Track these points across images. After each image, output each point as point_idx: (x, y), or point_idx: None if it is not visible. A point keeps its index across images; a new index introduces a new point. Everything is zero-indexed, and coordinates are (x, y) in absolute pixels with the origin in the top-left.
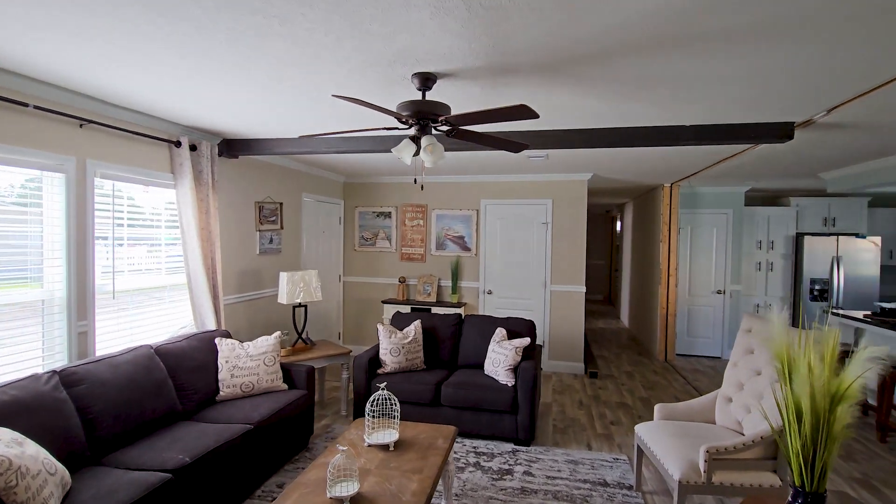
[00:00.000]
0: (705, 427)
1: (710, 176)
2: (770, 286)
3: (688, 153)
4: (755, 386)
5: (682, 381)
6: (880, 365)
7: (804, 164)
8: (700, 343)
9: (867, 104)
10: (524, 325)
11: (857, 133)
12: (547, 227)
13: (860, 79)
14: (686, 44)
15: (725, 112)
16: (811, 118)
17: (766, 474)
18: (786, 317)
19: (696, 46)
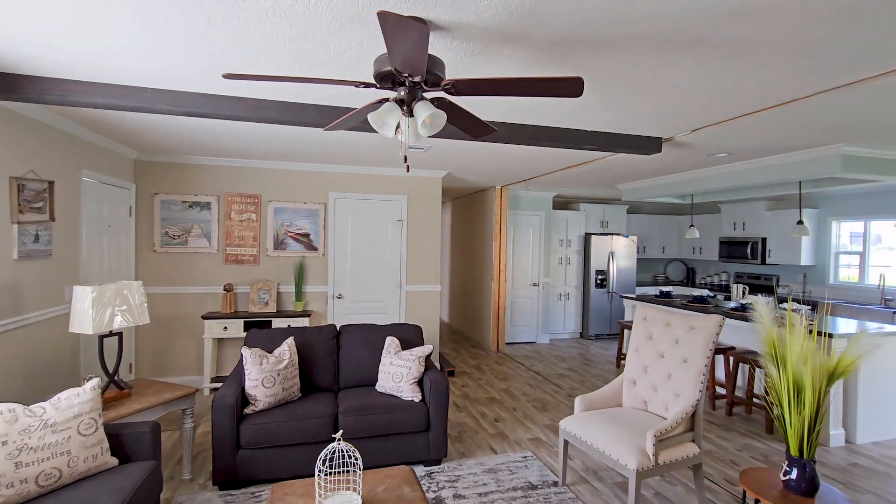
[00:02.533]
0: (624, 412)
1: (539, 182)
2: (569, 277)
3: (549, 157)
4: (661, 368)
5: (524, 368)
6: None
7: (618, 176)
8: (521, 331)
9: (716, 130)
10: (412, 331)
11: (686, 150)
12: (402, 225)
13: (724, 109)
14: (612, 47)
15: (625, 122)
16: (673, 136)
17: (689, 445)
18: (719, 318)
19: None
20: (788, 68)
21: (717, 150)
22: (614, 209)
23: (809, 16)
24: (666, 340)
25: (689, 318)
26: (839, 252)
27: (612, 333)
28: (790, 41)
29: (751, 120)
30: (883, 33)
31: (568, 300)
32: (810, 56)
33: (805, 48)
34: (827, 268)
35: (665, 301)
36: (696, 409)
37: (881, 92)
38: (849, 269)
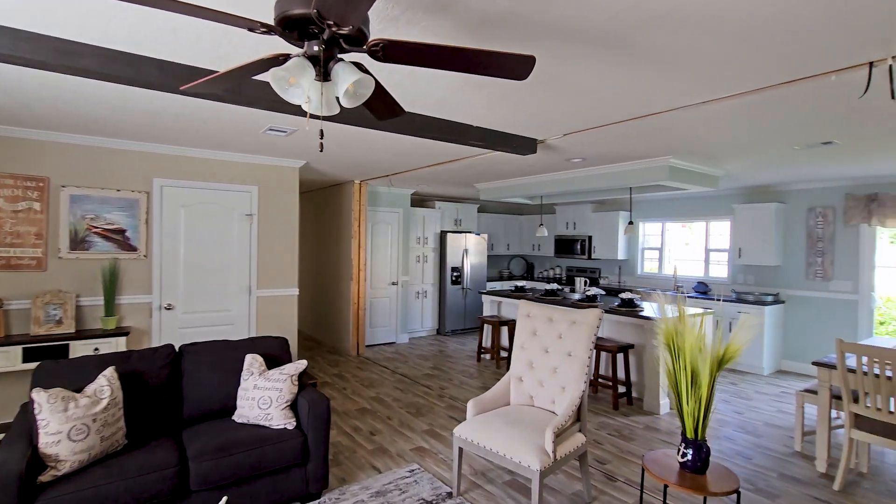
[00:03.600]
0: (515, 410)
1: (400, 178)
2: (425, 275)
3: (422, 151)
4: (547, 363)
5: (388, 372)
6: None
7: (480, 175)
8: (380, 332)
9: (583, 136)
10: (277, 345)
11: (551, 153)
12: (252, 220)
13: (598, 114)
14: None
15: (510, 120)
16: (547, 139)
17: (577, 436)
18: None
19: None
20: (663, 81)
21: (575, 155)
22: (467, 208)
23: (704, 33)
24: (550, 336)
25: (570, 313)
26: (645, 248)
27: (466, 328)
28: (687, 55)
29: (615, 128)
30: (740, 56)
31: (426, 298)
32: (684, 71)
33: (686, 64)
34: (636, 261)
35: (519, 295)
36: (582, 399)
37: (711, 115)
38: (651, 262)
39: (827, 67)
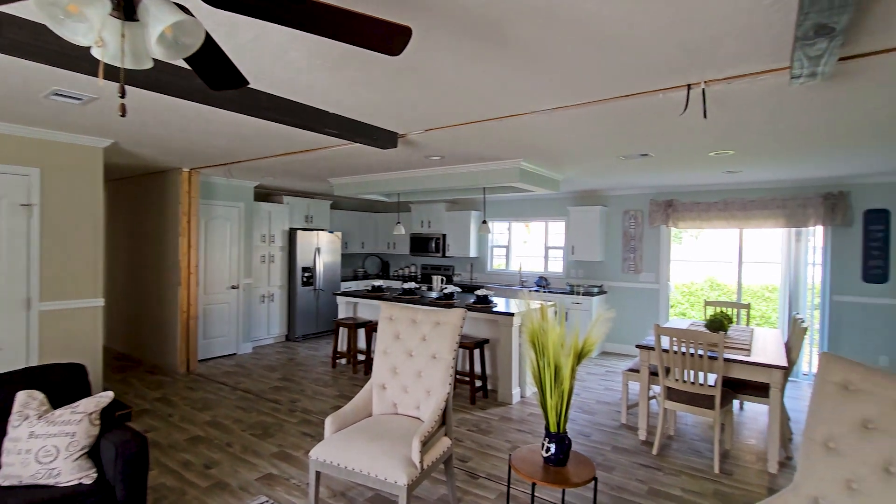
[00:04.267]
0: (378, 421)
1: (242, 168)
2: (272, 276)
3: (269, 137)
4: (411, 367)
5: (228, 389)
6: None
7: (334, 169)
8: (217, 343)
9: (444, 133)
10: (68, 375)
11: (411, 149)
12: (31, 212)
13: (463, 111)
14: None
15: (372, 109)
16: (408, 133)
17: (444, 440)
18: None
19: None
20: (524, 82)
21: (435, 153)
22: (318, 203)
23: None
24: (414, 338)
25: (434, 314)
26: (494, 246)
27: (320, 332)
28: (551, 57)
29: (475, 128)
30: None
31: (272, 301)
32: (544, 74)
33: (548, 66)
34: (486, 258)
35: (377, 295)
36: (448, 402)
37: (561, 122)
38: (499, 259)
39: (657, 85)
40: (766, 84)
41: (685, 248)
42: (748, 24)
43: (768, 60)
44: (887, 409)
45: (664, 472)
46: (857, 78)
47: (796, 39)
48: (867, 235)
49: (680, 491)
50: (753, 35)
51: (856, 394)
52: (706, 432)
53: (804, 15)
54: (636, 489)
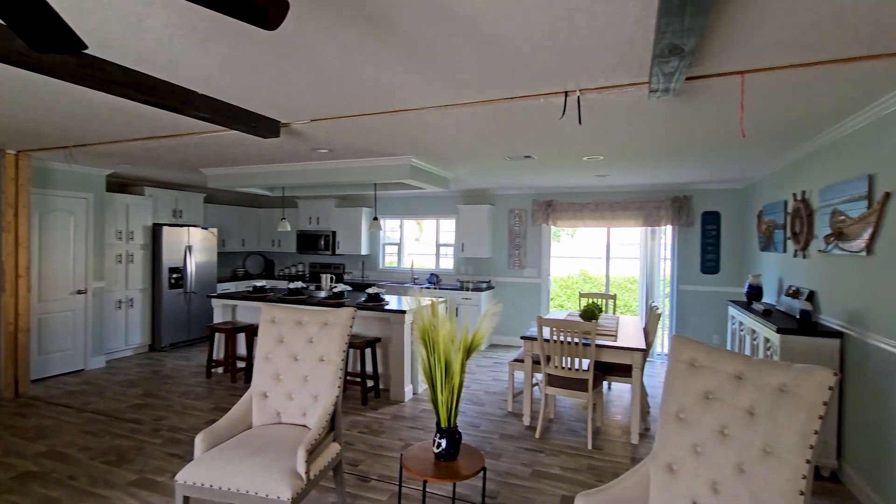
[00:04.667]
0: (259, 433)
1: (90, 152)
2: (131, 279)
3: (121, 116)
4: (296, 372)
5: (73, 412)
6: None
7: (206, 159)
8: (59, 359)
9: (333, 124)
10: None
11: (296, 140)
12: None
13: (354, 102)
14: None
15: (251, 93)
16: (292, 122)
17: (333, 446)
18: None
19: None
20: (416, 77)
21: (323, 146)
22: (190, 197)
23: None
24: (299, 341)
25: (321, 314)
26: (386, 243)
27: (192, 340)
28: (442, 51)
29: (366, 121)
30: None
31: (132, 307)
32: (435, 70)
33: (439, 61)
34: (378, 256)
35: (259, 296)
36: (337, 406)
37: (451, 120)
38: (391, 256)
39: (539, 90)
40: (631, 96)
41: (563, 245)
42: (617, 38)
43: (633, 74)
44: (723, 381)
45: (546, 453)
46: (700, 97)
47: (654, 56)
48: (704, 233)
49: (559, 469)
50: (621, 49)
51: (700, 370)
52: (581, 413)
53: (661, 35)
54: (521, 473)
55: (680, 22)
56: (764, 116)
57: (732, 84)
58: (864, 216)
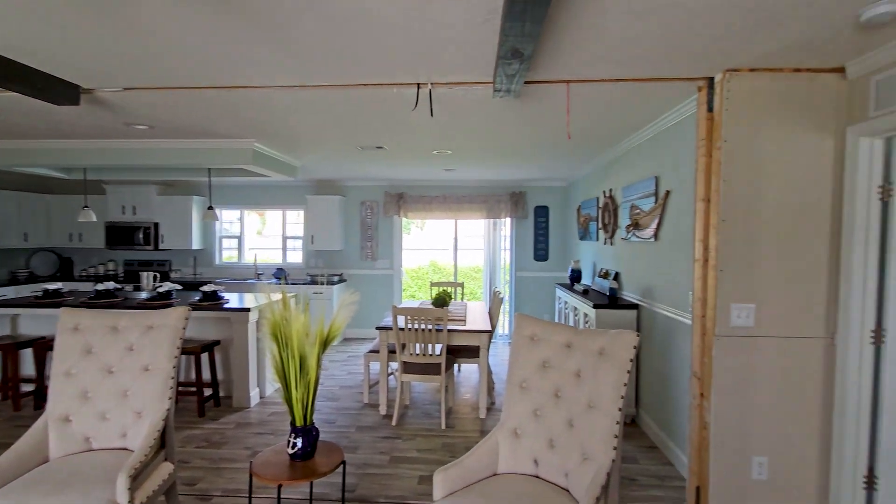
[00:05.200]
0: (61, 465)
1: None
2: None
3: None
4: (112, 387)
5: None
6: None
7: None
8: None
9: (153, 96)
10: None
11: (104, 112)
12: None
13: (173, 73)
14: None
15: (29, 45)
16: (97, 88)
17: (164, 466)
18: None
19: None
20: (264, 50)
21: (140, 120)
22: None
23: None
24: (115, 350)
25: (145, 317)
26: (223, 236)
27: None
28: (297, 25)
29: (197, 95)
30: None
31: None
32: (285, 45)
33: (293, 36)
34: (214, 250)
35: (55, 301)
36: (168, 420)
37: (301, 103)
38: (230, 251)
39: (392, 79)
40: (478, 94)
41: (413, 237)
42: (466, 36)
43: (481, 73)
44: (556, 351)
45: (402, 438)
46: (535, 100)
47: (499, 58)
48: (536, 225)
49: (416, 452)
50: (470, 47)
51: (538, 342)
52: (434, 396)
53: (505, 37)
54: (380, 461)
55: (521, 27)
56: (585, 122)
57: (561, 91)
58: (652, 209)
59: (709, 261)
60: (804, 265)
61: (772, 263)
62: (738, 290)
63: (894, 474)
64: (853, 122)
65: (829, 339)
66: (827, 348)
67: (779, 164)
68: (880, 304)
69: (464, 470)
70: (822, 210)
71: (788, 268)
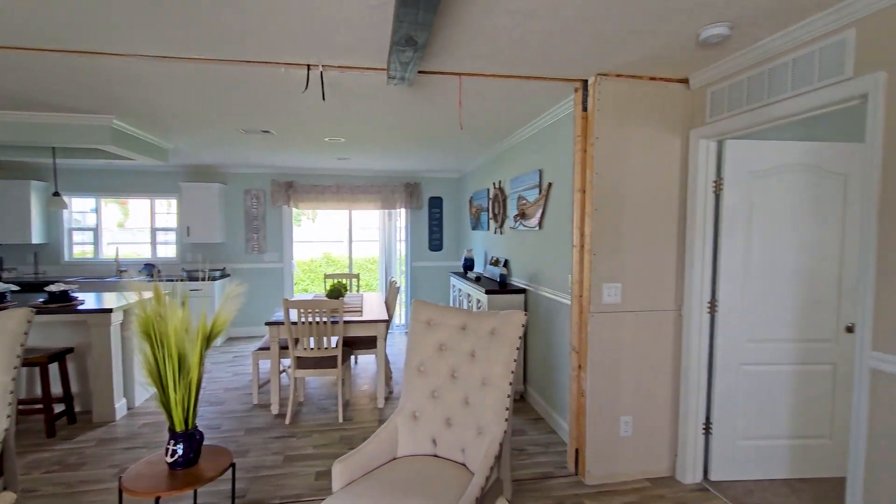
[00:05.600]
0: None
1: None
2: None
3: None
4: None
5: None
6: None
7: None
8: None
9: None
10: None
11: None
12: None
13: None
14: None
15: None
16: None
17: (4, 496)
18: None
19: None
20: (129, 12)
21: None
22: None
23: None
24: None
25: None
26: (73, 228)
27: None
28: None
29: (36, 58)
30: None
31: None
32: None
33: (172, 2)
34: (61, 245)
35: None
36: (7, 444)
37: (169, 76)
38: (83, 245)
39: (280, 58)
40: (372, 79)
41: (304, 229)
42: (359, 19)
43: (374, 59)
44: (452, 333)
45: (297, 437)
46: (428, 90)
47: (392, 44)
48: (430, 216)
49: (312, 449)
50: (364, 31)
51: (435, 327)
52: (331, 390)
53: (399, 23)
54: (273, 462)
55: (415, 15)
56: (477, 115)
57: (454, 83)
58: (537, 200)
59: (584, 246)
60: (659, 248)
61: (634, 247)
62: (608, 271)
63: (724, 420)
64: (695, 126)
65: (677, 310)
66: (676, 319)
67: (640, 160)
68: (714, 280)
69: (363, 457)
70: (672, 201)
71: (647, 250)
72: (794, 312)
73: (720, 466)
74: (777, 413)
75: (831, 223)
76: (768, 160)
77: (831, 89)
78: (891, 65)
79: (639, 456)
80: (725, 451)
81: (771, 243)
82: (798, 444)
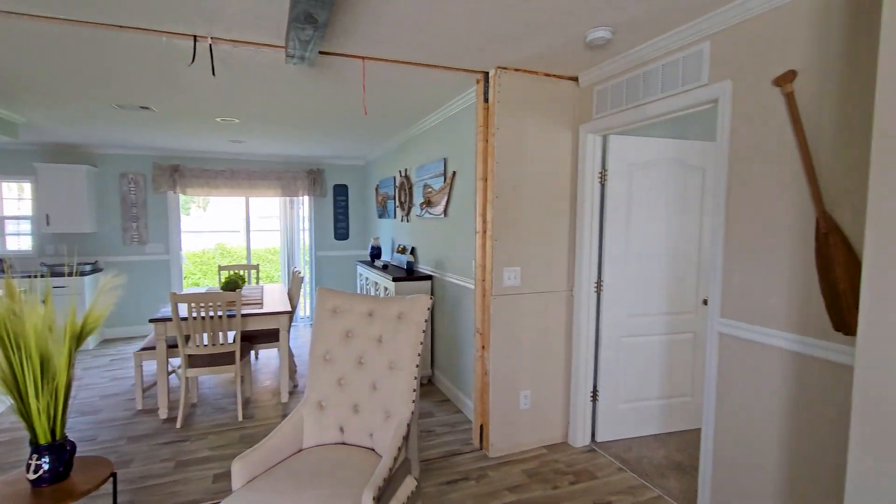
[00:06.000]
0: None
1: None
2: None
3: None
4: None
5: None
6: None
7: None
8: None
9: None
10: None
11: None
12: None
13: None
14: None
15: None
16: None
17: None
18: None
19: None
20: None
21: None
22: None
23: None
24: None
25: None
26: None
27: None
28: None
29: None
30: None
31: None
32: None
33: None
34: None
35: None
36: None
37: (20, 37)
38: None
39: (161, 26)
40: (268, 57)
41: (195, 219)
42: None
43: (271, 35)
44: (359, 320)
45: (191, 440)
46: (330, 73)
47: (291, 21)
48: (336, 204)
49: (208, 451)
50: (256, 3)
51: (341, 314)
52: (229, 388)
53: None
54: (162, 470)
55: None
56: (382, 101)
57: (359, 66)
58: (442, 188)
59: (486, 232)
60: (553, 233)
61: (532, 232)
62: (508, 256)
63: (608, 387)
64: (583, 121)
65: (569, 291)
66: (568, 299)
67: (537, 151)
68: (600, 262)
69: (266, 452)
70: (565, 189)
71: (543, 236)
72: (664, 289)
73: (605, 429)
74: (650, 378)
75: (693, 211)
76: (644, 155)
77: (692, 93)
78: (736, 74)
79: (537, 426)
80: (609, 414)
81: (646, 229)
82: (666, 404)
